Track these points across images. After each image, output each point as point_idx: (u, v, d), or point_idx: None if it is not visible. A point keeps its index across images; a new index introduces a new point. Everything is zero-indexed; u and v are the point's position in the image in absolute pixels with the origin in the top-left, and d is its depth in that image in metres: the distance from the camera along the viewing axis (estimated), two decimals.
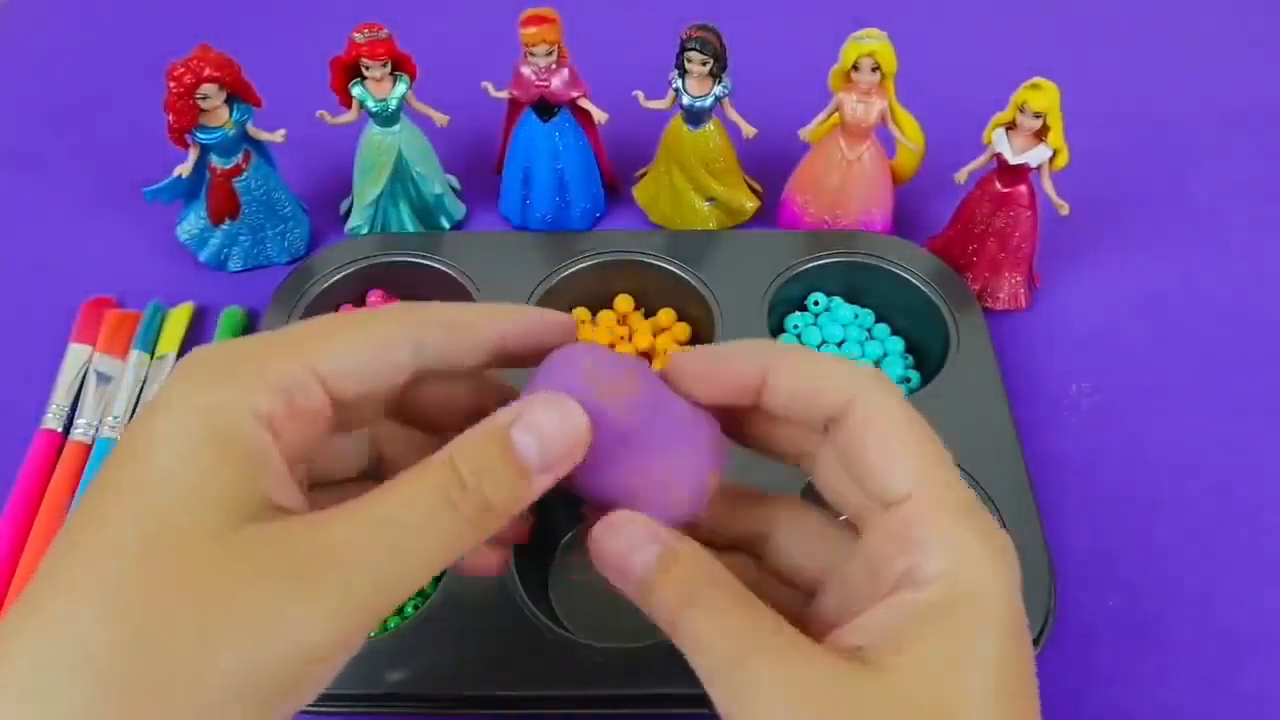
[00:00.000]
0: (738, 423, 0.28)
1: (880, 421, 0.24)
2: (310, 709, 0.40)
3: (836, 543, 0.27)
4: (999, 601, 0.22)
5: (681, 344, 0.54)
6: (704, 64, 0.53)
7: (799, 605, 0.27)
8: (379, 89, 0.54)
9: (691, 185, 0.58)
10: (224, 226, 0.57)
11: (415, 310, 0.25)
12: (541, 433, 0.23)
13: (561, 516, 0.47)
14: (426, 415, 0.28)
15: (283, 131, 0.55)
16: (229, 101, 0.53)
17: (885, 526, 0.24)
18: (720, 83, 0.54)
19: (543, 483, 0.23)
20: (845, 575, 0.25)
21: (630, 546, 0.24)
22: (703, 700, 0.23)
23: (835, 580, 0.26)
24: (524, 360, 0.27)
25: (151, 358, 0.53)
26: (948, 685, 0.21)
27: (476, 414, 0.24)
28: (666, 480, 0.26)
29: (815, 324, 0.54)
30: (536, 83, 0.55)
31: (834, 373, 0.25)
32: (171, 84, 0.50)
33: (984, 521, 0.23)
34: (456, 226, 0.61)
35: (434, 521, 0.22)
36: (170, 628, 0.20)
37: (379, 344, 0.24)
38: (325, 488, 0.27)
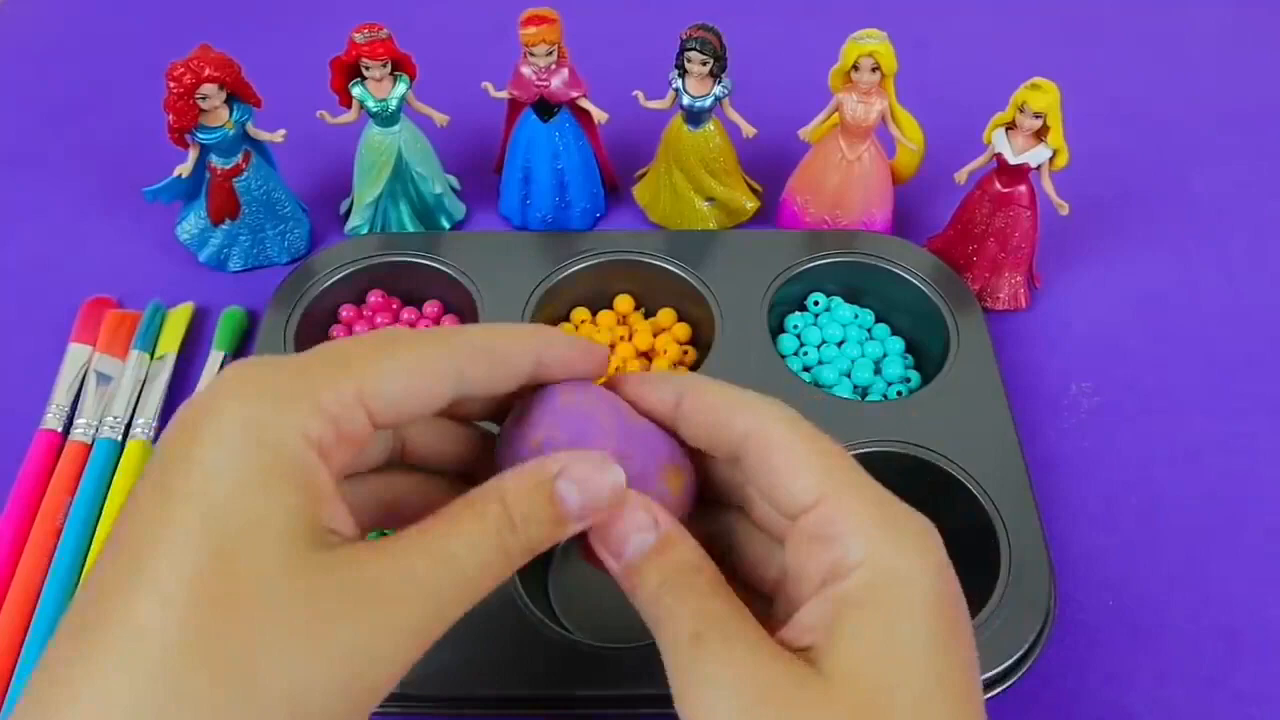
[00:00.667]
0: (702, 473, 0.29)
1: (781, 440, 0.26)
2: None
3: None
4: (923, 577, 0.23)
5: (682, 344, 0.54)
6: (704, 64, 0.53)
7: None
8: (379, 89, 0.54)
9: (691, 185, 0.58)
10: (224, 226, 0.57)
11: (460, 336, 0.26)
12: (583, 486, 0.25)
13: None
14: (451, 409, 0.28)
15: (283, 131, 0.55)
16: (229, 101, 0.53)
17: (802, 531, 0.25)
18: (720, 83, 0.54)
19: (577, 529, 0.25)
20: (784, 584, 0.27)
21: (632, 528, 0.25)
22: None
23: (782, 587, 0.27)
24: (550, 381, 0.28)
25: (151, 358, 0.53)
26: (883, 665, 0.22)
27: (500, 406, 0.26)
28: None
29: (815, 324, 0.54)
30: (536, 83, 0.55)
31: (736, 403, 0.27)
32: (171, 84, 0.50)
33: (899, 507, 0.25)
34: (456, 226, 0.61)
35: (491, 560, 0.24)
36: (249, 658, 0.20)
37: (426, 374, 0.25)
38: (350, 479, 0.27)
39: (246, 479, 0.21)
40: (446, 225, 0.60)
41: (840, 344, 0.54)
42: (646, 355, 0.53)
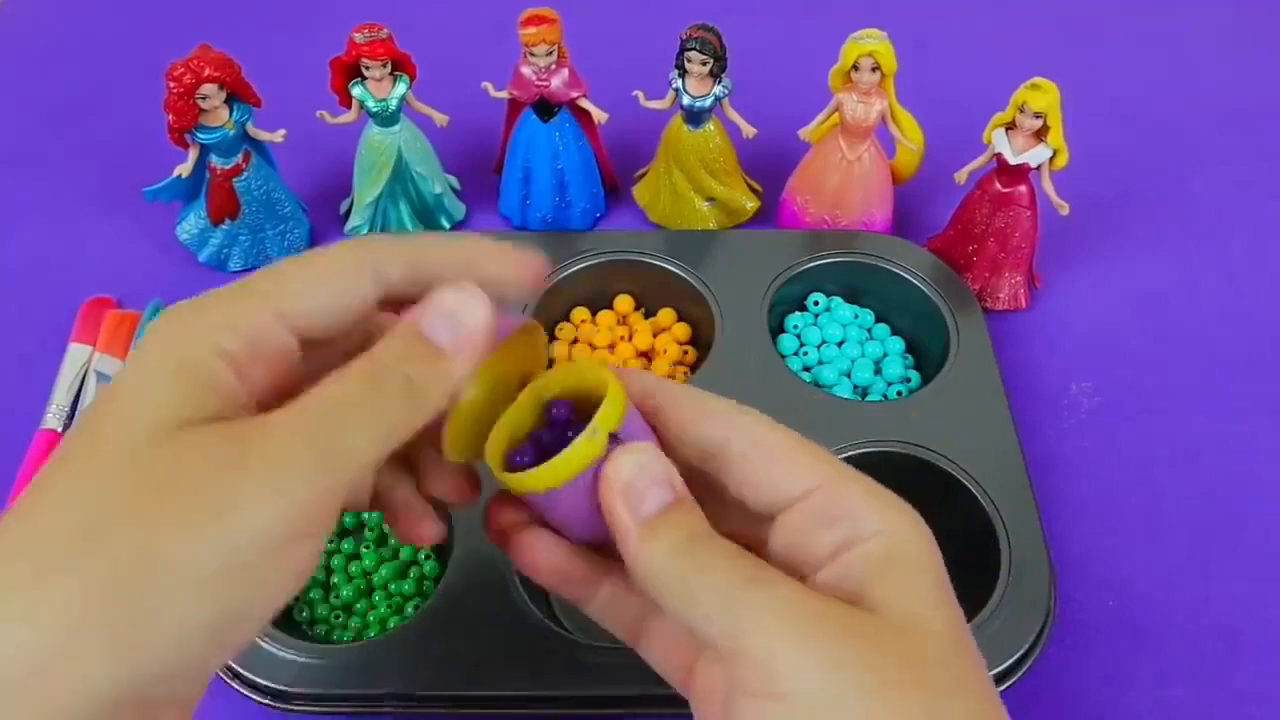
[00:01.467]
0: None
1: (766, 439, 0.27)
2: (311, 709, 0.40)
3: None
4: (927, 543, 0.25)
5: (682, 344, 0.54)
6: (704, 64, 0.53)
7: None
8: (379, 89, 0.54)
9: (691, 185, 0.58)
10: (224, 226, 0.57)
11: (377, 238, 0.27)
12: (447, 313, 0.25)
13: None
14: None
15: (283, 131, 0.55)
16: (229, 101, 0.53)
17: (804, 515, 0.26)
18: (720, 83, 0.54)
19: (460, 364, 0.25)
20: (780, 546, 0.27)
21: (651, 481, 0.25)
22: None
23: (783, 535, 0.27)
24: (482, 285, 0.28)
25: None
26: (914, 603, 0.24)
27: None
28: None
29: (815, 324, 0.54)
30: (536, 83, 0.55)
31: (711, 407, 0.27)
32: (171, 84, 0.50)
33: (892, 494, 0.26)
34: (456, 226, 0.61)
35: (363, 399, 0.23)
36: (115, 520, 0.21)
37: (335, 277, 0.25)
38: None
39: (146, 374, 0.23)
40: (446, 225, 0.60)
41: (840, 344, 0.54)
42: (646, 355, 0.53)
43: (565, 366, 0.28)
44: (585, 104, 0.56)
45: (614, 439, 0.25)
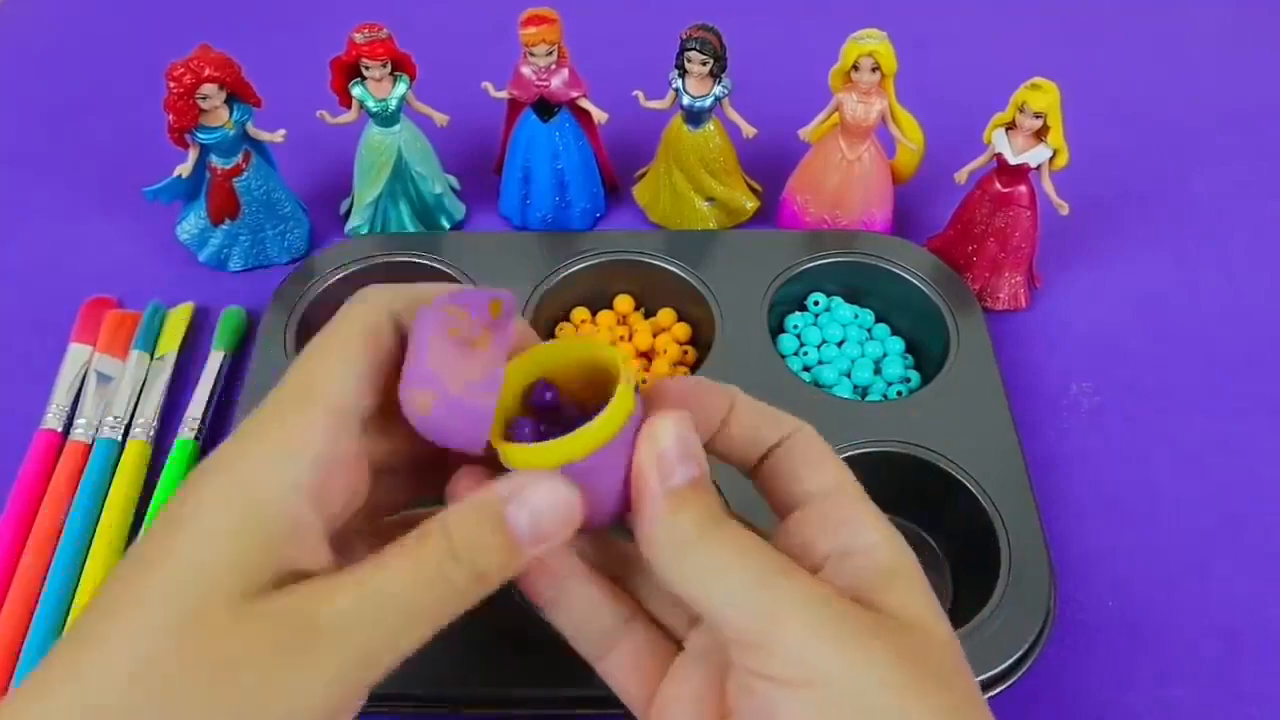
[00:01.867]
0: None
1: (810, 447, 0.28)
2: None
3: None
4: (920, 571, 0.27)
5: (681, 344, 0.54)
6: (704, 64, 0.53)
7: None
8: (379, 89, 0.54)
9: (691, 185, 0.58)
10: (224, 226, 0.57)
11: (370, 295, 0.28)
12: (534, 509, 0.24)
13: None
14: None
15: (283, 131, 0.55)
16: (229, 101, 0.53)
17: (819, 515, 0.27)
18: (720, 83, 0.54)
19: (534, 553, 0.25)
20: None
21: (685, 453, 0.25)
22: None
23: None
24: None
25: (151, 358, 0.53)
26: (919, 610, 0.25)
27: None
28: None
29: (815, 324, 0.54)
30: (536, 83, 0.55)
31: (777, 417, 0.29)
32: (171, 84, 0.50)
33: (886, 520, 0.27)
34: (456, 226, 0.61)
35: (425, 593, 0.23)
36: (178, 695, 0.21)
37: (358, 350, 0.26)
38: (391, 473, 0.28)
39: (214, 520, 0.23)
40: (446, 225, 0.60)
41: (840, 344, 0.54)
42: (646, 355, 0.53)
43: (549, 346, 0.28)
44: (585, 104, 0.56)
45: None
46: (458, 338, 0.25)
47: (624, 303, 0.55)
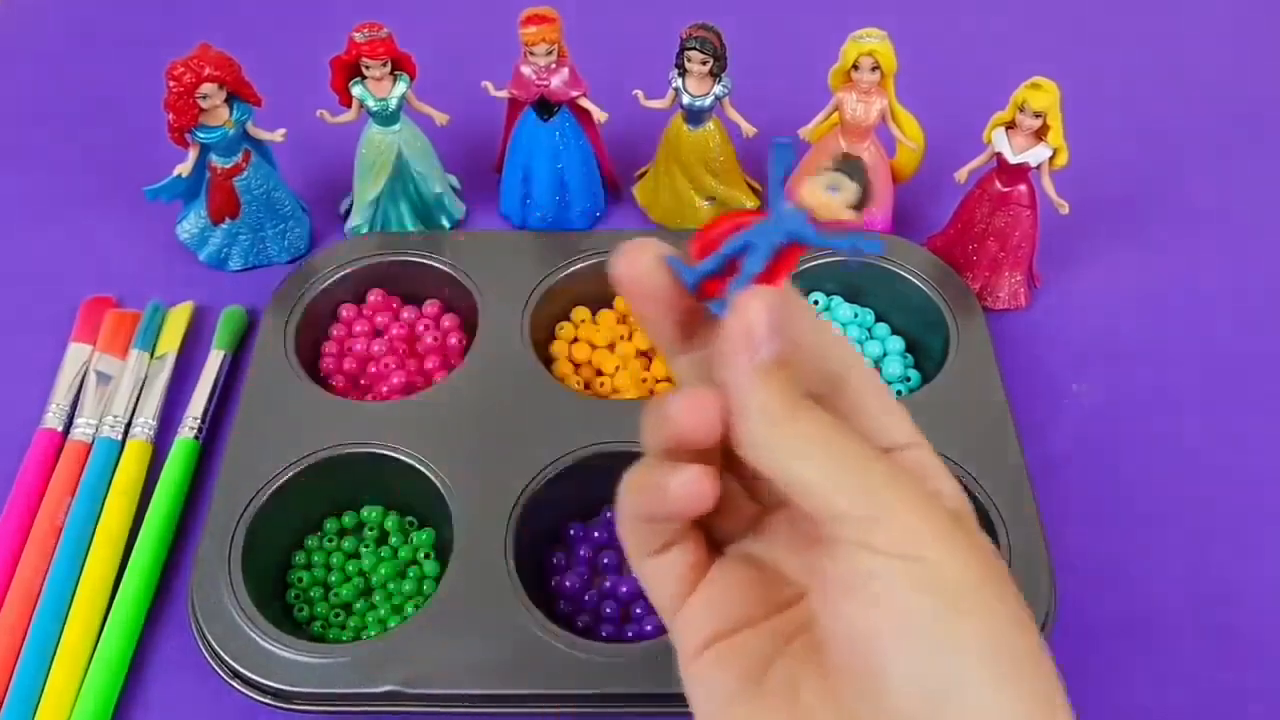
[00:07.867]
0: None
1: (877, 388, 0.28)
2: (311, 709, 0.40)
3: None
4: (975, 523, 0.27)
5: None
6: (704, 63, 0.53)
7: None
8: (379, 88, 0.54)
9: (691, 185, 0.58)
10: (224, 226, 0.57)
11: None
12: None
13: (562, 517, 0.47)
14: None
15: (283, 131, 0.55)
16: (229, 101, 0.53)
17: (902, 460, 0.27)
18: (720, 82, 0.54)
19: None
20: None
21: (772, 330, 0.25)
22: None
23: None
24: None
25: (151, 357, 0.53)
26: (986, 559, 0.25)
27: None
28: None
29: None
30: (536, 82, 0.55)
31: (838, 342, 0.29)
32: (171, 83, 0.50)
33: None
34: (456, 226, 0.61)
35: None
36: None
37: None
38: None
39: None
40: (446, 225, 0.60)
41: None
42: (646, 355, 0.53)
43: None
44: (585, 103, 0.56)
45: None
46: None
47: (624, 302, 0.55)
